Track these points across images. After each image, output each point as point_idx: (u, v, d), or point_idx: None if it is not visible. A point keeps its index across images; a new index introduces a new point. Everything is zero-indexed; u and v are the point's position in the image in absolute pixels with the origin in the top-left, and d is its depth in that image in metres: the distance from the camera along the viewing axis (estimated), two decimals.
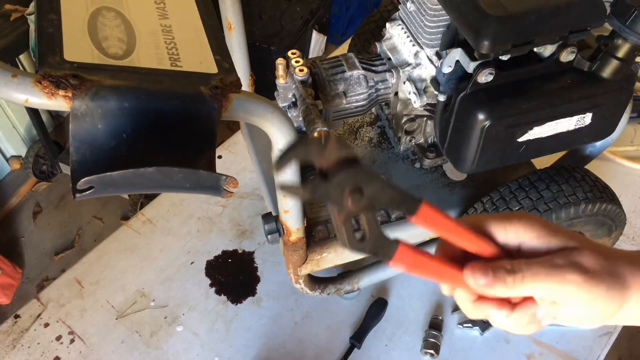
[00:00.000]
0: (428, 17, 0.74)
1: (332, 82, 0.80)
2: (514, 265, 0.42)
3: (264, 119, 0.57)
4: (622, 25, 0.68)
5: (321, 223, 0.87)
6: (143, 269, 1.12)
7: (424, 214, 0.42)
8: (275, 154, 0.64)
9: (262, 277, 1.11)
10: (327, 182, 0.38)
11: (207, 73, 0.55)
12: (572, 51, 0.72)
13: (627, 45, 0.71)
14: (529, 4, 0.66)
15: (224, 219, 1.19)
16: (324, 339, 1.02)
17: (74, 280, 1.10)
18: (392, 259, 0.42)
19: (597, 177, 0.85)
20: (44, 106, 0.47)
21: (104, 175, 0.47)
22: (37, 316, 1.05)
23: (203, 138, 0.53)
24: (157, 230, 1.18)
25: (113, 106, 0.48)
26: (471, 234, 0.44)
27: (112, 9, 0.58)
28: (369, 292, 1.07)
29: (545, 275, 0.41)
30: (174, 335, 1.02)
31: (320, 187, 0.38)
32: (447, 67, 0.72)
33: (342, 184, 0.38)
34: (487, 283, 0.42)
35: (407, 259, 0.42)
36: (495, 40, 0.65)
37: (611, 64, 0.73)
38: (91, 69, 0.49)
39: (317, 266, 0.86)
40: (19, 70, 0.46)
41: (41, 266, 1.95)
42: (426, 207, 0.42)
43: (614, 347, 1.04)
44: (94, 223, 2.08)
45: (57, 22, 0.53)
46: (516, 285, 0.41)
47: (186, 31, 0.60)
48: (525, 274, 0.41)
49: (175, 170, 0.49)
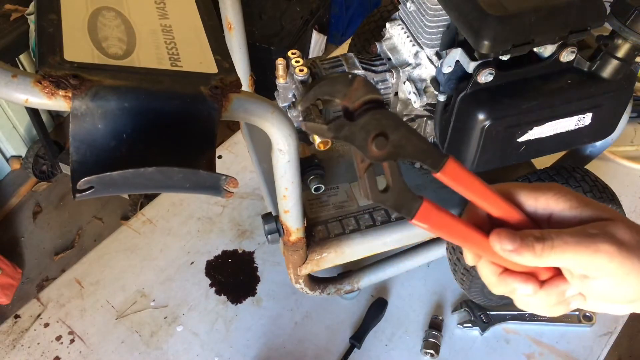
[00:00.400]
0: (428, 17, 0.74)
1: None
2: (544, 233, 0.39)
3: (264, 119, 0.57)
4: (622, 25, 0.68)
5: (321, 223, 0.87)
6: (143, 269, 1.12)
7: (450, 170, 0.40)
8: (276, 154, 0.64)
9: (262, 277, 1.11)
10: (351, 123, 0.36)
11: (207, 73, 0.55)
12: (572, 51, 0.72)
13: (627, 45, 0.71)
14: (529, 4, 0.66)
15: (224, 219, 1.19)
16: (324, 339, 1.02)
17: (74, 280, 1.10)
18: (414, 216, 0.40)
19: (597, 177, 0.85)
20: (44, 106, 0.47)
21: (104, 175, 0.47)
22: (37, 316, 1.05)
23: (203, 138, 0.53)
24: (157, 230, 1.18)
25: (113, 106, 0.48)
26: (499, 198, 0.42)
27: (112, 8, 0.58)
28: (369, 292, 1.07)
29: (577, 244, 0.38)
30: (174, 335, 1.02)
31: (344, 128, 0.36)
32: (447, 67, 0.72)
33: (367, 126, 0.37)
34: (514, 249, 0.39)
35: (430, 217, 0.41)
36: (495, 40, 0.65)
37: (611, 64, 0.73)
38: (91, 69, 0.49)
39: (317, 266, 0.86)
40: (19, 70, 0.46)
41: (41, 266, 1.95)
42: (452, 162, 0.40)
43: (614, 347, 1.04)
44: (94, 223, 2.08)
45: (57, 22, 0.53)
46: (544, 253, 0.39)
47: (186, 31, 0.60)
48: (556, 242, 0.39)
49: (175, 170, 0.49)
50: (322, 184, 0.88)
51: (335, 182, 0.92)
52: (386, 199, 0.40)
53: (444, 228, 0.41)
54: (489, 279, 0.43)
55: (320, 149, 0.74)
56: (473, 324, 1.01)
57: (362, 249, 0.87)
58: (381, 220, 0.88)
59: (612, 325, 1.03)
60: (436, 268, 1.10)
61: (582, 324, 1.02)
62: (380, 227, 0.87)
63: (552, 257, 0.39)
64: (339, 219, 0.88)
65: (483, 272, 0.44)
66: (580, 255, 0.38)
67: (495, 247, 0.40)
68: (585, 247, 0.38)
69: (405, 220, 0.86)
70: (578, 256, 0.38)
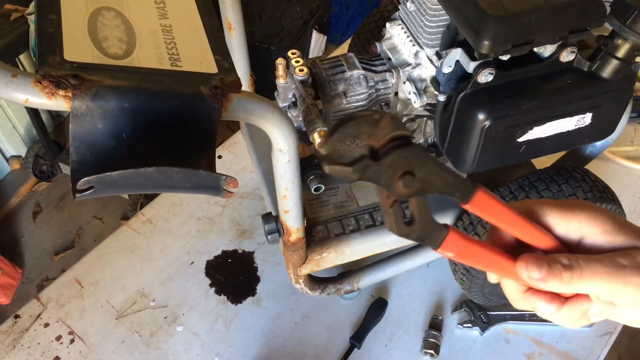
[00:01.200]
0: (428, 17, 0.74)
1: (332, 82, 0.80)
2: (572, 260, 0.39)
3: (264, 119, 0.57)
4: (622, 25, 0.68)
5: (321, 223, 0.87)
6: (143, 269, 1.12)
7: (479, 201, 0.39)
8: (276, 154, 0.64)
9: (262, 277, 1.11)
10: (377, 163, 0.35)
11: (207, 73, 0.55)
12: (572, 51, 0.72)
13: (627, 45, 0.71)
14: (529, 4, 0.66)
15: (224, 219, 1.19)
16: (324, 339, 1.02)
17: (74, 280, 1.10)
18: (440, 246, 0.40)
19: (597, 177, 0.85)
20: (44, 106, 0.47)
21: (103, 175, 0.47)
22: (37, 316, 1.05)
23: (203, 138, 0.53)
24: (157, 230, 1.18)
25: (113, 106, 0.48)
26: (528, 223, 0.41)
27: (112, 8, 0.58)
28: (369, 292, 1.07)
29: (606, 275, 0.38)
30: (174, 335, 1.02)
31: (370, 168, 0.35)
32: (447, 67, 0.72)
33: (393, 165, 0.35)
34: (541, 277, 0.39)
35: (456, 246, 0.40)
36: (495, 40, 0.65)
37: (611, 64, 0.73)
38: (91, 69, 0.49)
39: (317, 266, 0.86)
40: (19, 70, 0.46)
41: (41, 266, 1.95)
42: (481, 193, 0.39)
43: (614, 347, 1.04)
44: (94, 223, 2.08)
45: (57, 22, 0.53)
46: (572, 282, 0.38)
47: (186, 31, 0.60)
48: (585, 271, 0.38)
49: (175, 170, 0.49)
50: (322, 184, 0.88)
51: (335, 182, 0.92)
52: (411, 232, 0.39)
53: (470, 256, 0.41)
54: (513, 295, 0.43)
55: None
56: (473, 324, 1.01)
57: (362, 249, 0.87)
58: (381, 221, 0.88)
59: (612, 325, 1.03)
60: (436, 268, 1.10)
61: None
62: (380, 227, 0.87)
63: (580, 285, 0.38)
64: (339, 219, 0.88)
65: (507, 289, 0.43)
66: (609, 286, 0.38)
67: (522, 274, 0.40)
68: (615, 278, 0.38)
69: None
70: (607, 286, 0.38)
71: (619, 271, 0.38)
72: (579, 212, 0.41)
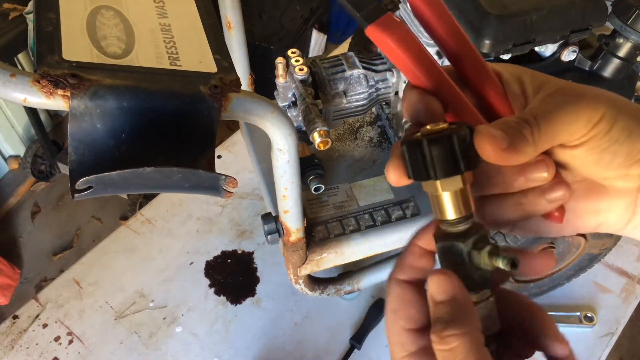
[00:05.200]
0: None
1: (332, 82, 0.80)
2: (519, 115, 0.33)
3: (263, 118, 0.57)
4: (624, 25, 0.68)
5: (321, 223, 0.87)
6: (142, 269, 1.11)
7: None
8: (275, 154, 0.63)
9: (262, 277, 1.10)
10: None
11: (206, 72, 0.54)
12: (574, 50, 0.72)
13: (628, 44, 0.71)
14: (530, 3, 0.66)
15: (223, 219, 1.19)
16: (324, 340, 1.02)
17: (73, 280, 1.10)
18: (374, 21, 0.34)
19: None
20: (42, 106, 0.46)
21: (102, 175, 0.46)
22: (35, 317, 1.04)
23: (202, 138, 0.52)
24: (156, 231, 1.17)
25: (112, 106, 0.48)
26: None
27: (110, 7, 0.58)
28: (369, 292, 1.07)
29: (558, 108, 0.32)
30: (173, 336, 1.02)
31: None
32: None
33: None
34: (509, 145, 0.32)
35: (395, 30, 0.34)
36: (496, 40, 0.65)
37: (612, 63, 0.73)
38: (90, 68, 0.49)
39: (317, 267, 0.86)
40: (17, 69, 0.46)
41: (40, 266, 1.95)
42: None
43: (615, 348, 1.04)
44: (93, 223, 2.07)
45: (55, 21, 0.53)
46: (535, 135, 0.32)
47: (185, 30, 0.59)
48: (540, 118, 0.32)
49: (174, 170, 0.49)
50: (322, 184, 0.88)
51: (335, 182, 0.92)
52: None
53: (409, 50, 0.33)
54: None
55: (320, 148, 0.73)
56: None
57: (362, 249, 0.86)
58: (381, 221, 0.87)
59: (613, 326, 1.03)
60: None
61: (584, 324, 1.02)
62: (380, 227, 0.86)
63: (543, 137, 0.32)
64: (339, 219, 0.87)
65: None
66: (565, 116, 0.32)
67: (486, 150, 0.32)
68: (566, 106, 0.32)
69: (405, 221, 0.86)
70: (564, 118, 0.32)
71: (564, 98, 0.33)
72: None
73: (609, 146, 0.32)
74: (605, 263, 1.11)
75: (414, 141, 0.32)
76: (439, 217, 0.34)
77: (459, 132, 0.31)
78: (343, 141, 0.99)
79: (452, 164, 0.31)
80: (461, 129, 0.32)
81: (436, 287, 0.32)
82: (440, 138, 0.31)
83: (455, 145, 0.31)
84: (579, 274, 1.03)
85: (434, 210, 0.34)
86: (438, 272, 0.32)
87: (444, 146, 0.31)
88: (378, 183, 0.92)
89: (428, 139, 0.31)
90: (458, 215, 0.33)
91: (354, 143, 0.98)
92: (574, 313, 1.03)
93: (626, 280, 1.09)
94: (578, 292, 1.07)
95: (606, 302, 1.06)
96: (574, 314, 1.03)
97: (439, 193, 0.33)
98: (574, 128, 0.32)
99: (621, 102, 0.33)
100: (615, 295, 1.07)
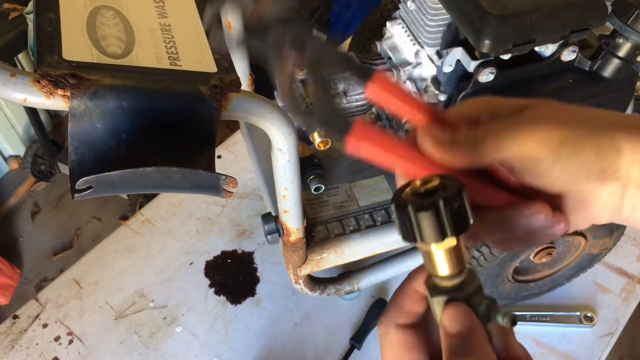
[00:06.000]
0: (429, 16, 0.74)
1: (332, 82, 0.80)
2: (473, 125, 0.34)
3: (263, 118, 0.57)
4: (624, 25, 0.68)
5: (321, 223, 0.87)
6: (142, 269, 1.11)
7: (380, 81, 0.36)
8: (275, 154, 0.63)
9: (262, 277, 1.10)
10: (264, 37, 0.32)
11: (206, 72, 0.54)
12: (574, 50, 0.72)
13: (628, 44, 0.71)
14: (530, 3, 0.65)
15: (223, 219, 1.19)
16: (323, 340, 1.02)
17: (73, 280, 1.09)
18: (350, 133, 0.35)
19: None
20: (42, 106, 0.46)
21: (102, 175, 0.46)
22: (35, 317, 1.04)
23: (202, 138, 0.52)
24: (156, 231, 1.17)
25: (112, 106, 0.48)
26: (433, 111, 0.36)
27: (110, 7, 0.58)
28: (369, 292, 1.07)
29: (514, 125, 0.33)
30: (173, 336, 1.02)
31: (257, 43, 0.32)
32: (448, 66, 0.72)
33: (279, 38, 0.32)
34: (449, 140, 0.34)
35: (366, 134, 0.35)
36: (496, 40, 0.65)
37: (612, 64, 0.73)
38: (90, 68, 0.49)
39: (317, 266, 0.86)
40: (17, 69, 0.46)
41: (40, 266, 1.95)
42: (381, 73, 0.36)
43: (615, 348, 1.04)
44: (93, 223, 2.07)
45: (55, 21, 0.53)
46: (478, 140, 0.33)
47: (185, 30, 0.59)
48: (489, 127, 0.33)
49: (174, 170, 0.49)
50: (322, 184, 0.88)
51: (335, 182, 0.92)
52: (314, 112, 0.35)
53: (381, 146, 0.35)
54: None
55: (320, 148, 0.73)
56: None
57: (362, 249, 0.86)
58: (381, 221, 0.87)
59: (613, 326, 1.03)
60: None
61: (584, 324, 1.02)
62: (380, 227, 0.86)
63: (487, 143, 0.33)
64: (339, 219, 0.87)
65: None
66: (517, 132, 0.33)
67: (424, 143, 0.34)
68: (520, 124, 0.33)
69: None
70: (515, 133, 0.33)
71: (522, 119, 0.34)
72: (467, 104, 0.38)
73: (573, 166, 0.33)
74: (605, 263, 1.11)
75: (401, 205, 0.31)
76: (431, 272, 0.33)
77: (448, 195, 0.30)
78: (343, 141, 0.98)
79: (440, 230, 0.31)
80: (451, 189, 0.31)
81: (452, 320, 0.32)
82: (426, 206, 0.30)
83: (442, 212, 0.30)
84: (579, 274, 1.03)
85: (426, 264, 0.34)
86: (452, 306, 0.32)
87: (430, 214, 0.30)
88: (378, 183, 0.92)
89: (414, 205, 0.31)
90: (451, 272, 0.32)
91: None
92: (574, 313, 1.03)
93: (626, 280, 1.09)
94: (578, 292, 1.07)
95: (606, 302, 1.06)
96: (574, 314, 1.03)
97: (430, 251, 0.32)
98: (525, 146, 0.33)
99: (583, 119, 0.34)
100: (615, 295, 1.07)
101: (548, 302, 1.05)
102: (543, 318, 1.02)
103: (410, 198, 0.32)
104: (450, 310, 0.32)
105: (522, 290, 0.99)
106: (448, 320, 0.32)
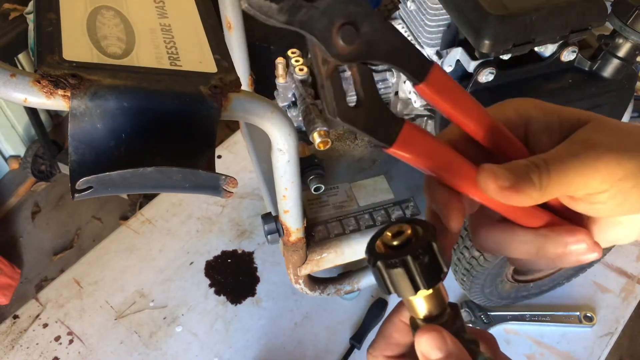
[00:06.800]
0: (428, 17, 0.74)
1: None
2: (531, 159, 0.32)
3: (263, 118, 0.57)
4: (623, 25, 0.68)
5: (321, 223, 0.87)
6: (142, 269, 1.11)
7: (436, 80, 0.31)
8: (275, 154, 0.63)
9: (262, 277, 1.10)
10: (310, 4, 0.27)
11: (206, 72, 0.54)
12: (573, 50, 0.72)
13: (628, 44, 0.71)
14: (530, 3, 0.66)
15: (223, 219, 1.19)
16: (323, 340, 1.02)
17: (73, 280, 1.10)
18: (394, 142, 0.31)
19: None
20: (42, 106, 0.46)
21: (102, 175, 0.46)
22: (35, 316, 1.04)
23: (202, 138, 0.52)
24: (156, 231, 1.17)
25: (112, 106, 0.48)
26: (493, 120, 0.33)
27: (111, 7, 0.58)
28: (369, 292, 1.07)
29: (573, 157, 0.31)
30: (173, 336, 1.02)
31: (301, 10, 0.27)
32: (448, 66, 0.72)
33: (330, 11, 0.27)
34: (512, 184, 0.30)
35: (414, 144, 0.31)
36: (496, 40, 0.65)
37: (612, 64, 0.73)
38: (90, 68, 0.49)
39: (317, 266, 0.86)
40: (17, 69, 0.46)
41: (40, 266, 1.95)
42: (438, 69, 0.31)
43: (615, 348, 1.04)
44: (93, 223, 2.07)
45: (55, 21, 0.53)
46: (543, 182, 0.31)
47: (185, 30, 0.59)
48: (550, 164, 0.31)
49: (174, 170, 0.49)
50: (322, 184, 0.88)
51: (335, 182, 0.92)
52: (358, 117, 0.30)
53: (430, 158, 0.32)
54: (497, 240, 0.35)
55: (320, 148, 0.73)
56: (473, 325, 1.01)
57: (362, 249, 0.86)
58: (381, 221, 0.87)
59: (613, 325, 1.03)
60: None
61: (583, 324, 1.02)
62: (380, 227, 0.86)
63: (552, 184, 0.31)
64: (339, 219, 0.87)
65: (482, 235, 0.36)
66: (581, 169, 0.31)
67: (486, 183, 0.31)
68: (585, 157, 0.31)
69: None
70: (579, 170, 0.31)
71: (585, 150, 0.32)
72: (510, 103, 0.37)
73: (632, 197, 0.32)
74: (605, 263, 1.11)
75: (371, 262, 0.31)
76: (412, 314, 0.33)
77: (416, 251, 0.30)
78: (343, 141, 0.99)
79: (413, 285, 0.30)
80: (422, 242, 0.30)
81: (429, 346, 0.31)
82: (395, 264, 0.30)
83: (412, 269, 0.30)
84: (579, 274, 1.03)
85: (407, 307, 0.33)
86: (426, 330, 0.31)
87: (400, 272, 0.30)
88: (378, 183, 0.92)
89: (384, 263, 0.30)
90: (430, 314, 0.32)
91: (354, 143, 0.99)
92: (573, 313, 1.03)
93: (626, 280, 1.10)
94: (578, 292, 1.07)
95: (606, 302, 1.06)
96: (573, 313, 1.03)
97: (407, 299, 0.32)
98: (590, 183, 0.32)
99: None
100: (615, 295, 1.07)
101: (548, 302, 1.05)
102: (543, 318, 1.03)
103: (382, 251, 0.32)
104: (425, 335, 0.31)
105: (522, 290, 0.99)
106: (426, 346, 0.31)
